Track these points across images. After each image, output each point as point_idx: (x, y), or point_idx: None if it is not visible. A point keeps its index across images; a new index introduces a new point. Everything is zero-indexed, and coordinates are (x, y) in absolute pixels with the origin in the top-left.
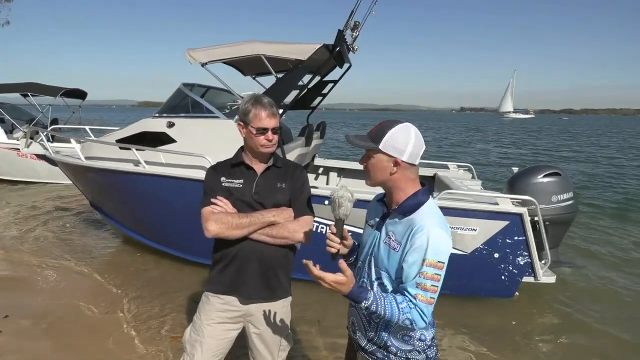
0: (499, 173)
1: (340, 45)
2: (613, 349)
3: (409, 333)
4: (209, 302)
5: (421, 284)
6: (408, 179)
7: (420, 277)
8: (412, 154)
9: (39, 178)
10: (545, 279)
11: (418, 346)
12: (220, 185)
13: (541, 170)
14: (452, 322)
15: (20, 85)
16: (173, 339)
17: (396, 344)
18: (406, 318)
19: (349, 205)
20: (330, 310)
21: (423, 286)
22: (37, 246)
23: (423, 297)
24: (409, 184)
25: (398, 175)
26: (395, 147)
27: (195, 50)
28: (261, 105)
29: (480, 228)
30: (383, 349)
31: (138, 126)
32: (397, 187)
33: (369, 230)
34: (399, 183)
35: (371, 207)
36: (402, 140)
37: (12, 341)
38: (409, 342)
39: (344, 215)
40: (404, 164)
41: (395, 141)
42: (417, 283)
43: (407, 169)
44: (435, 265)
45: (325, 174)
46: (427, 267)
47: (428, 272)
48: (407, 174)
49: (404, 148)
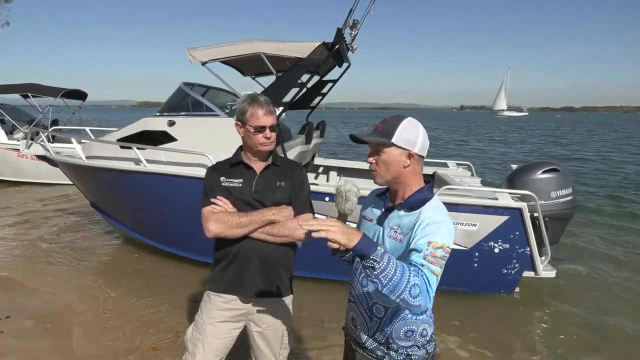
0: (485, 173)
1: (339, 43)
2: (613, 345)
3: (412, 327)
4: (211, 300)
5: (428, 256)
6: (417, 173)
7: (428, 249)
8: (422, 147)
9: (39, 179)
10: (546, 273)
11: (418, 341)
12: (220, 185)
13: (540, 166)
14: (451, 318)
15: (21, 86)
16: (155, 350)
17: (398, 340)
18: (414, 284)
19: (355, 200)
20: (333, 309)
21: (429, 259)
22: (38, 247)
23: (429, 267)
24: (416, 179)
25: (410, 169)
26: (408, 140)
27: (196, 49)
28: (257, 103)
29: (480, 223)
30: (384, 346)
31: (139, 125)
32: (406, 183)
33: (369, 224)
34: (408, 178)
35: (368, 202)
36: (412, 133)
37: (13, 341)
38: (411, 338)
39: (349, 209)
40: (416, 156)
41: (407, 134)
42: (425, 255)
43: (418, 162)
44: (442, 247)
45: (325, 173)
46: (434, 248)
47: (433, 251)
48: (417, 167)
49: (416, 140)
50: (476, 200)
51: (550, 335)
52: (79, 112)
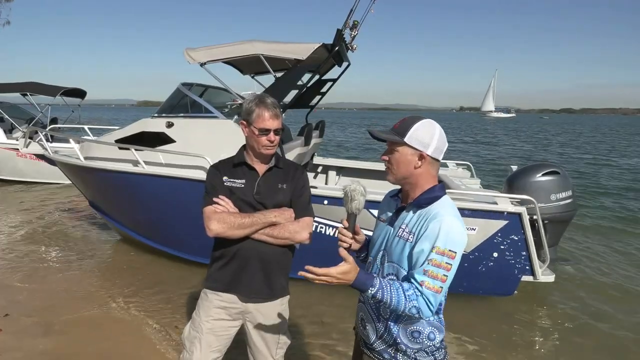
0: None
1: (339, 44)
2: (613, 347)
3: (418, 328)
4: (208, 299)
5: (429, 271)
6: (429, 175)
7: (429, 264)
8: (437, 149)
9: (38, 178)
10: (544, 277)
11: (427, 346)
12: (222, 185)
13: (540, 169)
14: (450, 322)
15: (20, 84)
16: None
17: (405, 341)
18: (412, 306)
19: (362, 200)
20: (333, 309)
21: (431, 273)
22: (36, 245)
23: (430, 284)
24: (429, 181)
25: (421, 170)
26: (421, 141)
27: (194, 50)
28: (265, 105)
29: (479, 227)
30: (392, 348)
31: (137, 126)
32: (417, 184)
33: (381, 225)
34: (419, 179)
35: (384, 203)
36: (427, 134)
37: (12, 339)
38: (417, 340)
39: (356, 209)
40: (428, 158)
41: (420, 135)
42: (425, 270)
43: (431, 164)
44: (446, 253)
45: (325, 173)
46: (436, 254)
47: (437, 260)
48: (430, 169)
49: (429, 142)
50: (475, 205)
51: (548, 338)
52: (78, 110)
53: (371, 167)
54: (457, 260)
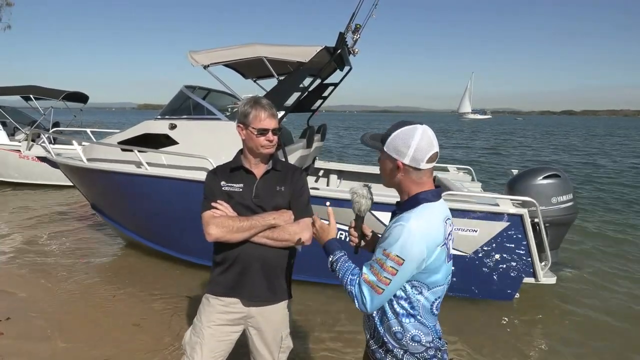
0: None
1: (341, 47)
2: (614, 349)
3: (399, 329)
4: (210, 304)
5: (373, 267)
6: (412, 182)
7: (375, 261)
8: (415, 158)
9: (40, 180)
10: (546, 279)
11: (412, 348)
12: (220, 189)
13: (541, 172)
14: (451, 325)
15: (22, 88)
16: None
17: (391, 340)
18: (350, 290)
19: (363, 202)
20: (337, 313)
21: (374, 270)
22: (38, 248)
23: (368, 278)
24: (413, 187)
25: (402, 178)
26: (397, 149)
27: (198, 52)
28: (260, 106)
29: (481, 229)
30: (382, 348)
31: (140, 128)
32: (402, 190)
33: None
34: (402, 186)
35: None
36: (403, 143)
37: (13, 343)
38: (401, 341)
39: (359, 210)
40: (405, 167)
41: (397, 143)
42: (371, 265)
43: (411, 172)
44: (391, 257)
45: (326, 177)
46: (383, 255)
47: (382, 260)
48: (412, 177)
49: (405, 151)
50: (477, 206)
51: (549, 341)
52: (80, 114)
53: (372, 170)
54: (405, 268)
